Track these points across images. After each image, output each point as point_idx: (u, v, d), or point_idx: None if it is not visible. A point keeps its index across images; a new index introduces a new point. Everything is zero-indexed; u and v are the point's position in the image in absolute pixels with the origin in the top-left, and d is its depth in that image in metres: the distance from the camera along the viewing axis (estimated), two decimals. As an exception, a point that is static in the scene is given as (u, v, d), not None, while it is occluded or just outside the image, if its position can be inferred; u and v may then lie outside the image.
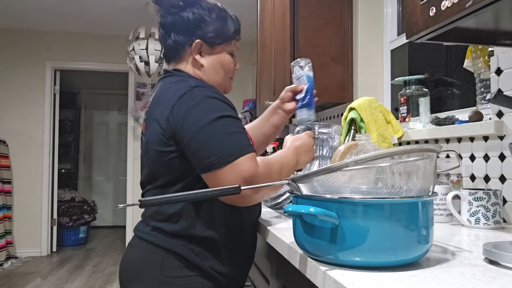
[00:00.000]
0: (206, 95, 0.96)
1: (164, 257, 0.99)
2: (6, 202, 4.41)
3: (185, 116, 0.93)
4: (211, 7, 1.10)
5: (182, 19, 1.07)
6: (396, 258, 0.62)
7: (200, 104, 0.94)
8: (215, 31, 1.08)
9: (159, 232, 1.01)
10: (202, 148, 0.91)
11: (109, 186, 6.62)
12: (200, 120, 0.92)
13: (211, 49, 1.09)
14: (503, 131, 1.16)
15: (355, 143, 1.03)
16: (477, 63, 1.31)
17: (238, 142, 0.91)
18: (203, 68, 1.09)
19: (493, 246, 0.69)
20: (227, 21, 1.11)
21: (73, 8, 4.01)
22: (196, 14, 1.07)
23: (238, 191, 0.70)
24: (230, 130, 0.93)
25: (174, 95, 0.97)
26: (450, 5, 0.72)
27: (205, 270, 1.00)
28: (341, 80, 2.15)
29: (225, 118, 0.94)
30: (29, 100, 4.65)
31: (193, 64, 1.09)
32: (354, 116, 1.60)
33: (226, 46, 1.11)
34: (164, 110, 0.97)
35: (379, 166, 0.64)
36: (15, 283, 3.58)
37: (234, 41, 1.14)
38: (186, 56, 1.09)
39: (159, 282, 0.98)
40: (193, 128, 0.92)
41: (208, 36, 1.08)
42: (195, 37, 1.07)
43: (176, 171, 0.98)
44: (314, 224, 0.66)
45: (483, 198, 1.03)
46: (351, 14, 2.18)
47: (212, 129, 0.91)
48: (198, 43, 1.07)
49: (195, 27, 1.07)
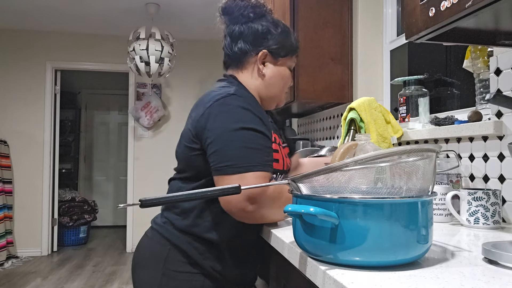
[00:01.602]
0: (239, 104, 0.99)
1: (170, 250, 1.04)
2: (7, 202, 4.41)
3: (213, 120, 0.98)
4: (277, 21, 1.17)
5: (250, 29, 1.13)
6: (396, 258, 0.63)
7: (230, 112, 0.98)
8: (280, 44, 1.14)
9: (169, 225, 1.07)
10: (218, 152, 0.96)
11: (109, 186, 6.62)
12: (225, 126, 0.96)
13: (275, 60, 1.15)
14: (502, 131, 1.16)
15: (355, 143, 1.03)
16: (476, 63, 1.32)
17: (253, 157, 0.94)
18: (265, 78, 1.14)
19: (493, 245, 0.69)
20: (290, 36, 1.17)
21: (73, 8, 4.01)
22: (264, 26, 1.13)
23: (238, 191, 0.71)
24: (250, 144, 0.95)
25: (212, 98, 1.01)
26: (450, 5, 0.72)
27: (206, 269, 1.03)
28: (341, 80, 2.15)
29: (250, 130, 0.96)
30: (30, 100, 4.66)
31: (254, 73, 1.14)
32: (354, 116, 1.60)
33: (287, 60, 1.17)
34: (199, 111, 1.03)
35: (379, 166, 0.64)
36: (15, 283, 3.59)
37: (294, 56, 1.19)
38: (249, 65, 1.14)
39: (162, 274, 1.03)
40: (215, 133, 0.97)
41: (273, 47, 1.14)
42: (261, 47, 1.13)
43: (198, 168, 1.03)
44: (314, 224, 0.66)
45: (482, 198, 1.03)
46: (351, 14, 2.18)
47: (232, 137, 0.95)
48: (264, 52, 1.13)
49: (263, 38, 1.13)
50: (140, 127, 4.81)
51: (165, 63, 3.96)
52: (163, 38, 3.93)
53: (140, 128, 4.81)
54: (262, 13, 1.15)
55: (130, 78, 4.84)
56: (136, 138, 4.82)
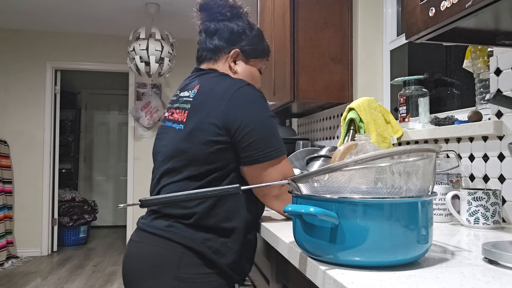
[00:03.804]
0: (258, 94, 1.07)
1: (183, 254, 1.00)
2: (7, 202, 4.41)
3: (245, 109, 1.02)
4: (252, 24, 1.23)
5: (226, 27, 1.18)
6: (396, 258, 0.63)
7: (257, 100, 1.05)
8: (253, 45, 1.20)
9: (177, 226, 1.02)
10: (261, 140, 1.02)
11: (109, 186, 6.62)
12: (260, 114, 1.03)
13: (246, 60, 1.20)
14: (502, 131, 1.16)
15: (354, 143, 1.03)
16: (476, 63, 1.32)
17: (281, 141, 1.06)
18: (237, 74, 1.19)
19: (493, 245, 0.69)
20: (263, 41, 1.24)
21: (73, 8, 4.02)
22: (240, 27, 1.19)
23: (238, 190, 0.72)
24: (277, 129, 1.06)
25: (228, 88, 1.04)
26: (450, 5, 0.72)
27: (220, 268, 1.02)
28: (340, 80, 2.15)
29: (274, 118, 1.07)
30: (30, 100, 4.66)
31: (228, 68, 1.19)
32: (353, 116, 1.60)
33: (258, 62, 1.23)
34: (218, 103, 1.03)
35: (378, 166, 0.64)
36: (15, 283, 3.59)
37: (264, 60, 1.25)
38: (222, 60, 1.19)
39: (176, 279, 0.99)
40: (254, 121, 1.02)
41: (246, 48, 1.19)
42: (234, 46, 1.18)
43: (217, 161, 1.03)
44: (314, 224, 0.66)
45: (482, 198, 1.03)
46: (351, 14, 2.18)
47: (269, 124, 1.04)
48: (237, 51, 1.18)
49: (238, 37, 1.18)
50: (140, 127, 4.81)
51: (165, 63, 3.96)
52: (163, 38, 3.93)
53: (140, 128, 4.82)
54: (239, 14, 1.20)
55: (130, 78, 4.84)
56: (136, 138, 4.82)
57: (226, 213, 1.03)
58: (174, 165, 1.06)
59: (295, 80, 2.11)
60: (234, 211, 1.04)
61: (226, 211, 1.03)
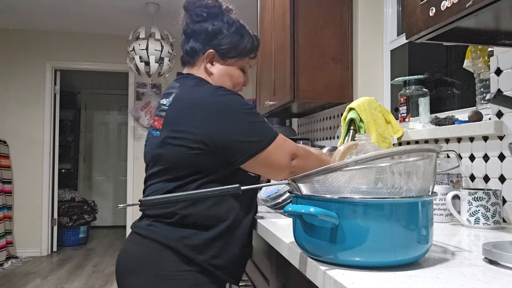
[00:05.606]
0: (229, 98, 1.04)
1: (160, 252, 1.02)
2: (7, 202, 4.41)
3: (212, 119, 1.01)
4: (231, 22, 1.18)
5: (202, 28, 1.15)
6: (396, 258, 0.63)
7: (224, 108, 1.02)
8: (230, 44, 1.16)
9: (156, 225, 1.05)
10: (250, 133, 1.01)
11: (109, 186, 6.62)
12: (228, 119, 1.01)
13: (222, 60, 1.17)
14: (503, 131, 1.16)
15: (355, 143, 1.03)
16: (477, 63, 1.32)
17: (269, 126, 1.05)
18: (212, 75, 1.17)
19: (493, 246, 0.69)
20: (244, 38, 1.18)
21: (73, 8, 4.01)
22: (215, 26, 1.15)
23: (238, 191, 0.72)
24: (260, 118, 1.04)
25: (197, 98, 1.04)
26: (450, 5, 0.72)
27: (200, 265, 1.02)
28: (341, 80, 2.15)
29: (248, 111, 1.04)
30: (30, 100, 4.65)
31: (204, 70, 1.17)
32: (353, 116, 1.60)
33: (238, 60, 1.18)
34: (188, 113, 1.02)
35: (379, 166, 0.64)
36: (15, 283, 3.58)
37: (247, 58, 1.20)
38: (199, 63, 1.17)
39: (155, 277, 1.01)
40: (224, 128, 1.00)
41: (221, 47, 1.15)
42: (209, 47, 1.15)
43: (194, 165, 1.03)
44: (314, 224, 0.66)
45: (482, 198, 1.03)
46: (351, 14, 2.18)
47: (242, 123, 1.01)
48: (211, 52, 1.15)
49: (213, 37, 1.15)
50: (140, 127, 4.81)
51: (164, 63, 3.95)
52: (163, 38, 3.93)
53: (140, 128, 4.81)
54: (216, 13, 1.16)
55: (130, 78, 4.84)
56: (136, 138, 4.82)
57: (207, 211, 1.03)
58: (155, 170, 1.09)
59: (295, 80, 2.10)
60: (216, 208, 1.04)
61: (207, 209, 1.03)
